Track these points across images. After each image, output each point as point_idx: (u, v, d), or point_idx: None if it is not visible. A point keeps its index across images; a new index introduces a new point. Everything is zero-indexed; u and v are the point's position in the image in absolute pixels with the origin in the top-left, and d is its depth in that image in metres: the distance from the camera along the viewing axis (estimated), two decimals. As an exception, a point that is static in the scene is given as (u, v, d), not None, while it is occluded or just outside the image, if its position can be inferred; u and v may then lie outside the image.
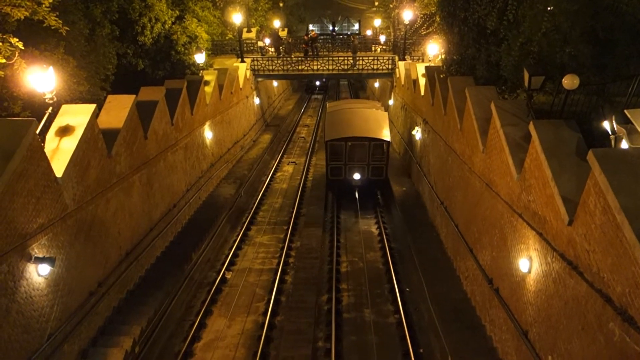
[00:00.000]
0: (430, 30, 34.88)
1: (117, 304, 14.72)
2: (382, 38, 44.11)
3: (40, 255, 10.69)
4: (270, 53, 39.58)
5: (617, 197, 7.40)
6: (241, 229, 22.94)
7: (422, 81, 25.68)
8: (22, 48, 13.73)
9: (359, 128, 25.58)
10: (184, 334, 15.38)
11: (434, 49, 28.68)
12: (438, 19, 26.30)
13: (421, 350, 14.59)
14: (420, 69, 27.08)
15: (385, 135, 25.45)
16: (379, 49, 43.01)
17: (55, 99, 12.25)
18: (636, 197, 7.33)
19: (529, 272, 10.97)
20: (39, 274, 10.64)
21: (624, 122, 10.30)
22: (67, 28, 15.57)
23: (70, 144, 12.50)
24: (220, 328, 15.79)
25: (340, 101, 37.14)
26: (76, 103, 15.06)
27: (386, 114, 27.64)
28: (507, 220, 12.53)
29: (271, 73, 37.62)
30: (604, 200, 7.79)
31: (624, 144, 10.05)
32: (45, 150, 11.51)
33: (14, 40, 13.55)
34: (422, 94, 25.18)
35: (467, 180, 16.42)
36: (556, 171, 9.90)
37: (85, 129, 12.90)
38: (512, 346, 11.86)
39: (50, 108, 12.31)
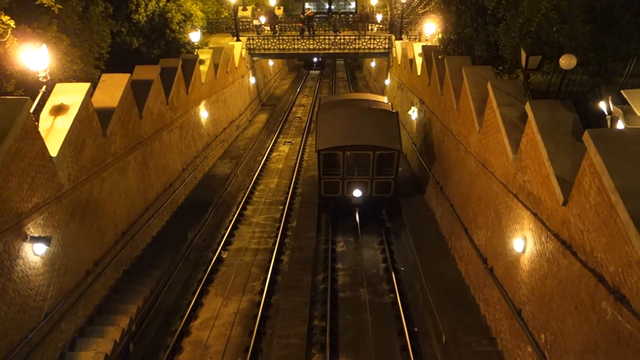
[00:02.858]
0: (428, 9, 34.54)
1: (114, 283, 14.79)
2: (379, 17, 43.72)
3: (36, 235, 10.69)
4: (266, 32, 39.24)
5: (612, 178, 7.43)
6: (237, 209, 22.95)
7: (419, 61, 25.56)
8: (14, 27, 13.56)
9: (360, 133, 20.04)
10: (180, 312, 15.46)
11: (431, 28, 28.44)
12: (435, -3, 26.06)
13: (415, 329, 14.73)
14: (417, 48, 26.92)
15: (395, 142, 19.76)
16: (375, 28, 42.66)
17: (48, 78, 12.13)
18: (631, 178, 7.36)
19: (523, 251, 11.04)
20: (35, 253, 10.66)
21: (621, 102, 10.30)
22: (59, 6, 15.38)
23: (64, 123, 12.43)
24: (217, 307, 15.89)
25: (336, 96, 30.38)
26: (70, 82, 14.94)
27: (395, 112, 21.71)
28: (502, 200, 12.58)
29: (267, 52, 37.40)
30: (598, 181, 7.82)
31: (620, 125, 10.06)
32: (40, 129, 11.44)
33: (5, 18, 13.37)
34: (419, 73, 25.09)
35: (463, 160, 16.43)
36: (552, 151, 9.91)
37: (80, 108, 12.82)
38: (506, 324, 12.00)
39: (44, 87, 12.19)
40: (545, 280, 9.96)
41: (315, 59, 65.15)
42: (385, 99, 26.93)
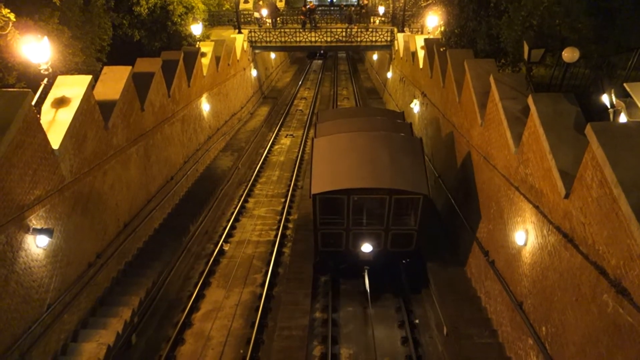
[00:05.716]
0: (430, 1, 34.43)
1: (116, 275, 14.84)
2: (381, 9, 43.57)
3: (38, 227, 10.72)
4: (268, 24, 39.16)
5: (614, 171, 7.42)
6: (239, 201, 22.99)
7: (421, 54, 25.50)
8: (14, 20, 13.52)
9: (371, 171, 14.76)
10: (182, 304, 15.52)
11: (434, 21, 28.36)
12: (438, -11, 25.95)
13: (417, 321, 14.77)
14: (420, 41, 26.87)
15: (419, 182, 14.40)
16: (377, 21, 42.55)
17: (50, 70, 12.12)
18: (633, 171, 7.35)
19: (525, 244, 11.06)
20: (37, 245, 10.69)
21: (623, 95, 10.26)
22: (61, -3, 15.34)
23: (66, 115, 12.43)
24: (219, 299, 15.95)
25: (338, 112, 23.19)
26: (72, 74, 14.93)
27: (419, 139, 16.18)
28: (504, 193, 12.58)
29: (268, 45, 37.31)
30: (601, 174, 7.81)
31: (623, 118, 10.03)
32: (42, 122, 11.44)
33: (5, 11, 13.33)
34: (421, 66, 25.02)
35: (465, 153, 16.42)
36: (554, 145, 9.89)
37: (82, 100, 12.81)
38: (507, 317, 12.03)
39: (46, 79, 12.19)
40: (546, 273, 9.98)
41: None
42: (402, 116, 20.46)
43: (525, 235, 11.04)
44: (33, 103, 10.92)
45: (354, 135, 16.16)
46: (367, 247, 15.17)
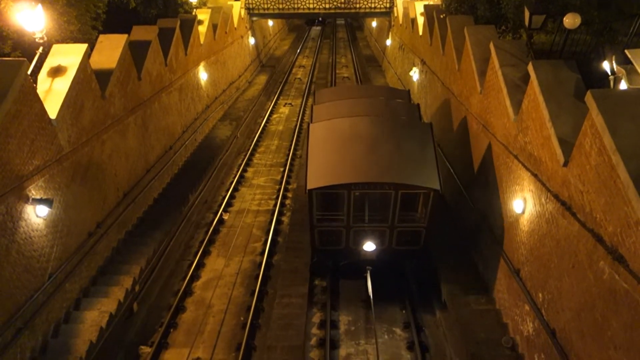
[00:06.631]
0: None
1: (116, 244, 14.93)
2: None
3: (38, 197, 10.75)
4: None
5: (613, 138, 7.40)
6: (238, 171, 23.01)
7: (421, 20, 25.20)
8: None
9: (375, 162, 13.15)
10: (183, 273, 15.68)
11: (434, -14, 27.94)
12: (438, -46, 25.48)
13: (415, 289, 14.93)
14: (419, 7, 26.51)
15: (430, 176, 12.82)
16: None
17: (45, 39, 11.98)
18: (632, 138, 7.33)
19: (523, 212, 11.11)
20: (37, 215, 10.73)
21: (624, 62, 10.18)
22: (54, -37, 15.03)
23: (63, 84, 12.33)
24: (219, 267, 16.09)
25: (337, 92, 19.69)
26: (67, 43, 14.76)
27: (429, 124, 14.49)
28: (503, 161, 12.58)
29: (266, 12, 36.88)
30: (600, 142, 7.80)
31: (623, 85, 9.97)
32: (38, 91, 11.36)
33: (-4, -21, 13.11)
34: (421, 33, 24.75)
35: (464, 121, 16.36)
36: (554, 112, 9.85)
37: (78, 69, 12.70)
38: (504, 284, 12.16)
39: (41, 48, 12.05)
40: (544, 241, 10.05)
41: None
42: (407, 95, 18.82)
43: (523, 203, 11.08)
44: (29, 72, 10.83)
45: (355, 121, 14.44)
46: (369, 246, 13.77)
